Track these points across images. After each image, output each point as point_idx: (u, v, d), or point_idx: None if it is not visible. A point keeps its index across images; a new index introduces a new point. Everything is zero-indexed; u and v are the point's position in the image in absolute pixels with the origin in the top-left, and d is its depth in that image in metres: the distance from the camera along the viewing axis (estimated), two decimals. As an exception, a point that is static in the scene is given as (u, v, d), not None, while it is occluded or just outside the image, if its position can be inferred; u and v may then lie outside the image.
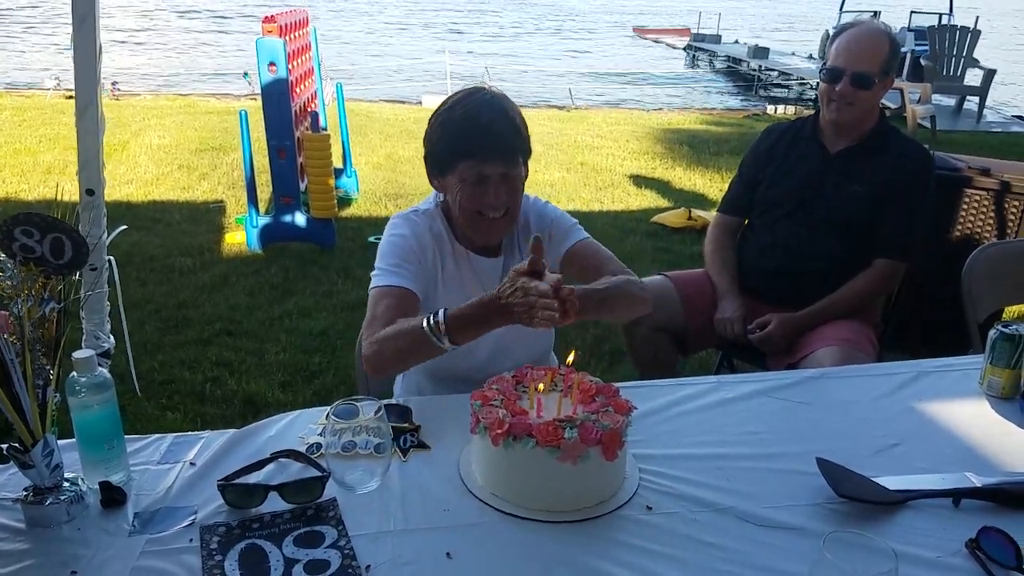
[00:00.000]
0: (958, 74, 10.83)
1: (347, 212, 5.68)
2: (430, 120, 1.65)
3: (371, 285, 1.63)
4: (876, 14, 13.09)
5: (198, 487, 1.26)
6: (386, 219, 1.76)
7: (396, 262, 1.63)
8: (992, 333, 1.62)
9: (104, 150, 2.61)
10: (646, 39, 24.23)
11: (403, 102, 11.26)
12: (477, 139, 1.56)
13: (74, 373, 1.21)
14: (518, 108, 1.65)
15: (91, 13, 2.37)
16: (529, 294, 1.35)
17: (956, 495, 1.26)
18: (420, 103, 10.79)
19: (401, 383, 1.86)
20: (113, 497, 1.22)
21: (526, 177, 1.66)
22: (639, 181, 6.89)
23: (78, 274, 1.19)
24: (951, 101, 11.35)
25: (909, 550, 1.13)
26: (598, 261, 1.72)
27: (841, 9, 13.33)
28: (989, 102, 10.89)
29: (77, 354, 1.21)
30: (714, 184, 6.80)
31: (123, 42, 18.08)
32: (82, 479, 1.24)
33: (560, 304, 1.35)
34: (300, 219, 4.85)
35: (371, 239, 5.02)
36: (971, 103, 11.01)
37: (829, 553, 0.94)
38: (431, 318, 1.43)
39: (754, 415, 1.55)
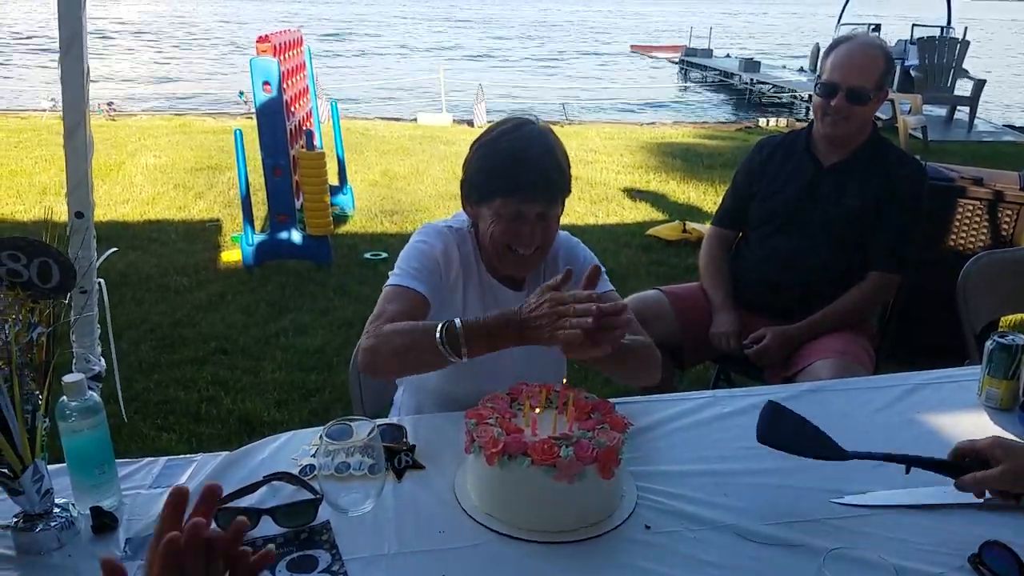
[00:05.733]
0: (948, 84, 10.90)
1: (343, 229, 5.67)
2: (472, 145, 1.62)
3: (386, 283, 1.59)
4: (876, 27, 13.03)
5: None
6: (382, 235, 1.75)
7: (417, 267, 1.60)
8: (989, 344, 1.61)
9: (99, 170, 2.62)
10: (644, 56, 24.39)
11: (398, 119, 11.30)
12: (519, 177, 1.52)
13: (64, 397, 1.19)
14: (562, 145, 1.61)
15: (79, 34, 2.39)
16: (560, 302, 1.30)
17: (907, 463, 1.28)
18: (415, 120, 10.84)
19: (400, 401, 1.81)
20: (104, 523, 1.20)
21: (561, 213, 1.63)
22: (633, 194, 6.90)
23: (68, 297, 1.18)
24: (942, 111, 11.40)
25: (911, 566, 1.12)
26: None
27: (839, 22, 13.30)
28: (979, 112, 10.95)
29: (67, 378, 1.19)
30: (708, 197, 6.81)
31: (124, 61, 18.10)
32: (73, 504, 1.22)
33: (596, 320, 1.27)
34: (296, 236, 4.85)
35: (367, 255, 5.02)
36: (962, 113, 11.06)
37: (829, 572, 0.93)
38: (443, 325, 1.38)
39: (752, 430, 1.52)
